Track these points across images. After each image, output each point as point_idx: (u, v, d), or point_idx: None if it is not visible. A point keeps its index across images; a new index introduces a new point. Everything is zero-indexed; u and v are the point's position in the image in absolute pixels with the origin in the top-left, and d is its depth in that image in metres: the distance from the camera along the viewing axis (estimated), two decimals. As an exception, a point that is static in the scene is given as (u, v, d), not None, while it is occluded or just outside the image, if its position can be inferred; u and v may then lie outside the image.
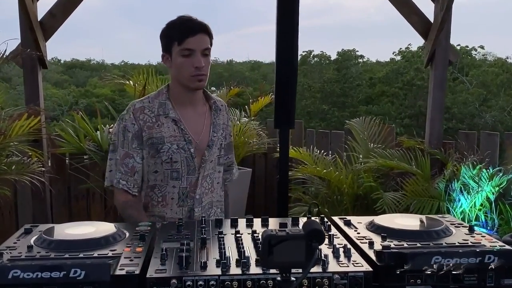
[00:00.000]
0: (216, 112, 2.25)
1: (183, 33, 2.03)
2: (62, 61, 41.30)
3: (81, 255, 1.32)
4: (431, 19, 4.27)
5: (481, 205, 3.61)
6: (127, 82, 4.75)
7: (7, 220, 4.11)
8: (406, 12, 4.27)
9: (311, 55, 28.50)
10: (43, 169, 3.57)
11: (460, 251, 1.31)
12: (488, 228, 3.51)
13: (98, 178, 4.18)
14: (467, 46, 25.01)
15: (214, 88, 5.83)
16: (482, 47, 25.87)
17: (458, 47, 22.97)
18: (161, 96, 2.16)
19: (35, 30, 3.67)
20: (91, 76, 34.89)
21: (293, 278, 1.08)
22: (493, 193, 3.59)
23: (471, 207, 3.55)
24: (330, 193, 4.19)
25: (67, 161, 4.25)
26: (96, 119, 4.46)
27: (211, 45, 2.10)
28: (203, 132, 2.18)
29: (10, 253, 1.33)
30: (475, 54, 25.79)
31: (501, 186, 3.66)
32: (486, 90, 20.97)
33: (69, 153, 4.22)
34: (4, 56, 3.36)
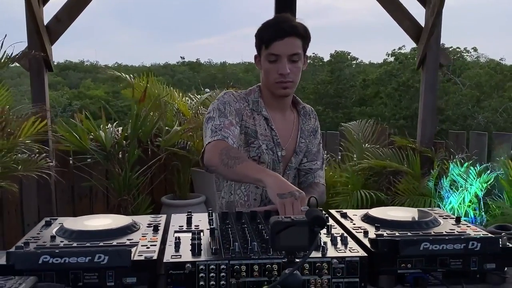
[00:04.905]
0: (304, 117, 2.20)
1: (270, 37, 1.94)
2: (55, 63, 41.00)
3: (101, 244, 1.40)
4: (422, 23, 4.37)
5: (470, 201, 3.72)
6: (131, 81, 4.84)
7: (12, 217, 4.21)
8: (399, 18, 4.38)
9: (304, 57, 28.48)
10: (51, 164, 3.66)
11: (447, 238, 1.43)
12: (477, 224, 3.63)
13: (101, 177, 4.29)
14: (459, 48, 25.13)
15: (208, 90, 5.84)
16: (475, 49, 25.95)
17: (451, 49, 23.03)
18: (253, 94, 2.10)
19: (42, 34, 3.76)
20: (85, 77, 34.69)
21: (297, 260, 1.19)
22: (481, 190, 3.72)
23: (460, 204, 3.67)
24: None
25: (70, 160, 4.36)
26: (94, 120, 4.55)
27: (304, 49, 2.00)
28: (290, 139, 2.13)
29: (36, 242, 1.42)
30: (467, 56, 25.88)
31: (488, 182, 3.78)
32: (479, 91, 21.00)
33: (72, 152, 4.32)
34: (11, 56, 3.44)
